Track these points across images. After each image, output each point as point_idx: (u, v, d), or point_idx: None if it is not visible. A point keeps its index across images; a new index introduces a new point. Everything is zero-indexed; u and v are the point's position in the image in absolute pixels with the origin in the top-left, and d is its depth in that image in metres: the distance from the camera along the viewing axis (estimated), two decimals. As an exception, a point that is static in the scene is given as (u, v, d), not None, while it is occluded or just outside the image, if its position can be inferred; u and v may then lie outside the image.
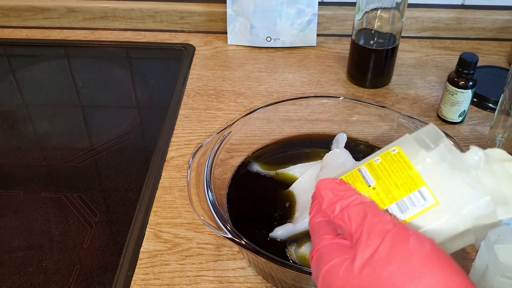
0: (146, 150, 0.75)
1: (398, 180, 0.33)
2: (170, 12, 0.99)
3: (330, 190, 0.35)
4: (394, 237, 0.30)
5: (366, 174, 0.35)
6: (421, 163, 0.33)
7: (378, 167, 0.35)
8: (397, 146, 0.36)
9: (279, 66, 0.91)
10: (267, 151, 0.68)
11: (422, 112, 0.80)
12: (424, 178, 0.33)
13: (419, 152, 0.34)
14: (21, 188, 0.69)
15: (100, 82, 0.91)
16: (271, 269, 0.52)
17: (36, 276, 0.58)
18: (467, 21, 0.96)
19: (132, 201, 0.66)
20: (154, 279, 0.57)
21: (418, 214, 0.32)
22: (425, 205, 0.32)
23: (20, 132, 0.80)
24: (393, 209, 0.33)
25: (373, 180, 0.34)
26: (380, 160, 0.35)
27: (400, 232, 0.30)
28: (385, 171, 0.34)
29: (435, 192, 0.32)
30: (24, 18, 1.01)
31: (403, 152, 0.35)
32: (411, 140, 0.35)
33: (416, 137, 0.35)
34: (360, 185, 0.35)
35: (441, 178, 0.33)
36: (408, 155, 0.34)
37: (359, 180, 0.35)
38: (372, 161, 0.36)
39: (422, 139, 0.35)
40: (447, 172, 0.33)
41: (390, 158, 0.35)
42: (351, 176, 0.36)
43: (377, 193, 0.34)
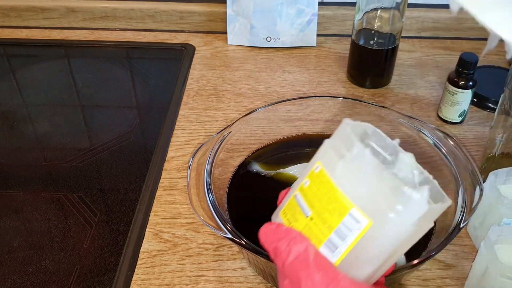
0: (146, 150, 0.75)
1: (329, 205, 0.32)
2: (170, 12, 0.99)
3: (270, 243, 0.37)
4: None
5: (302, 202, 0.34)
6: (341, 179, 0.32)
7: (309, 191, 0.34)
8: (319, 161, 0.34)
9: (279, 66, 0.91)
10: (267, 151, 0.68)
11: (422, 112, 0.80)
12: (349, 197, 0.31)
13: (336, 165, 0.33)
14: (21, 188, 0.69)
15: (100, 82, 0.91)
16: (271, 269, 0.53)
17: (36, 276, 0.58)
18: (467, 21, 0.96)
19: (132, 201, 0.67)
20: (154, 279, 0.57)
21: (358, 238, 0.31)
22: (360, 227, 0.31)
23: (20, 132, 0.80)
24: (334, 239, 0.32)
25: (309, 209, 0.34)
26: (309, 183, 0.34)
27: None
28: (315, 196, 0.33)
29: (364, 210, 0.31)
30: (24, 18, 1.01)
31: (324, 168, 0.33)
32: (328, 150, 0.34)
33: (333, 145, 0.34)
34: (300, 217, 0.34)
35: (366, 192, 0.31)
36: (328, 171, 0.33)
37: (298, 210, 0.34)
38: (303, 184, 0.35)
39: (337, 146, 0.34)
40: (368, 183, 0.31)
41: (316, 178, 0.34)
42: (291, 206, 0.36)
43: (315, 224, 0.33)
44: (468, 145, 0.74)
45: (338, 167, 0.32)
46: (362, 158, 0.32)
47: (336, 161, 0.33)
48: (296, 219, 0.34)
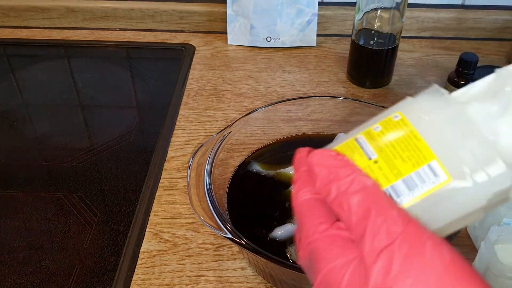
0: (146, 150, 0.75)
1: (403, 153, 0.29)
2: (170, 12, 0.99)
3: (324, 166, 0.30)
4: (406, 240, 0.26)
5: (365, 145, 0.30)
6: (429, 131, 0.29)
7: (378, 136, 0.30)
8: (399, 111, 0.31)
9: (279, 66, 0.91)
10: (267, 151, 0.68)
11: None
12: (433, 149, 0.28)
13: (425, 118, 0.29)
14: (21, 188, 0.69)
15: (100, 82, 0.91)
16: (271, 269, 0.52)
17: (36, 276, 0.58)
18: (467, 21, 0.96)
19: (132, 201, 0.66)
20: (154, 279, 0.57)
21: (428, 192, 0.28)
22: (436, 181, 0.28)
23: (20, 132, 0.80)
24: (399, 186, 0.29)
25: (374, 152, 0.30)
26: (381, 128, 0.30)
27: (412, 237, 0.26)
28: (387, 141, 0.30)
29: (446, 165, 0.28)
30: (24, 18, 1.01)
31: (407, 118, 0.30)
32: (414, 103, 0.31)
33: (421, 99, 0.31)
34: (359, 158, 0.30)
35: (453, 149, 0.28)
36: (412, 122, 0.30)
37: (358, 151, 0.30)
38: (371, 129, 0.31)
39: (427, 100, 0.30)
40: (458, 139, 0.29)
41: (393, 126, 0.30)
42: (347, 146, 0.31)
43: (379, 167, 0.29)
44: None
45: (426, 122, 0.29)
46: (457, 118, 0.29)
47: (425, 116, 0.29)
48: (353, 160, 0.30)
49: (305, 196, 0.31)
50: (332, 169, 0.29)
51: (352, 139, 0.31)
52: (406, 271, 0.25)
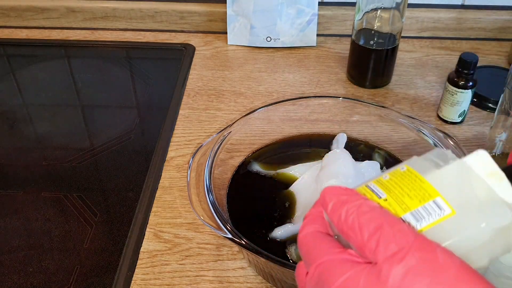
0: (146, 150, 0.75)
1: (410, 192, 0.32)
2: (170, 12, 0.99)
3: (335, 195, 0.32)
4: (419, 248, 0.28)
5: (375, 188, 0.33)
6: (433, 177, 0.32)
7: (387, 182, 0.33)
8: (405, 164, 0.34)
9: (279, 66, 0.91)
10: (267, 151, 0.68)
11: (422, 112, 0.80)
12: (437, 189, 0.32)
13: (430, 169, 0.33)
14: (21, 188, 0.69)
15: (100, 82, 0.91)
16: (271, 269, 0.52)
17: (36, 276, 0.58)
18: (467, 21, 0.96)
19: (132, 201, 0.67)
20: (154, 279, 0.57)
21: (434, 223, 0.31)
22: (441, 214, 0.31)
23: (20, 132, 0.80)
24: (407, 218, 0.31)
25: (384, 193, 0.33)
26: (389, 177, 0.34)
27: (424, 243, 0.28)
28: (395, 185, 0.33)
29: (450, 202, 0.31)
30: (24, 18, 1.01)
31: (412, 168, 0.34)
32: (419, 160, 0.35)
33: (424, 158, 0.35)
34: (370, 197, 0.33)
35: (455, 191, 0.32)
36: (418, 170, 0.33)
37: (368, 193, 0.33)
38: (380, 178, 0.34)
39: (430, 159, 0.34)
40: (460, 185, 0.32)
41: (400, 175, 0.34)
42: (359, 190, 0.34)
43: (389, 204, 0.32)
44: (468, 145, 0.73)
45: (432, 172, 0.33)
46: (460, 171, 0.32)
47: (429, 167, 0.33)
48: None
49: (312, 229, 0.33)
50: (342, 197, 0.32)
51: (363, 186, 0.34)
52: (423, 273, 0.27)
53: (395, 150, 0.67)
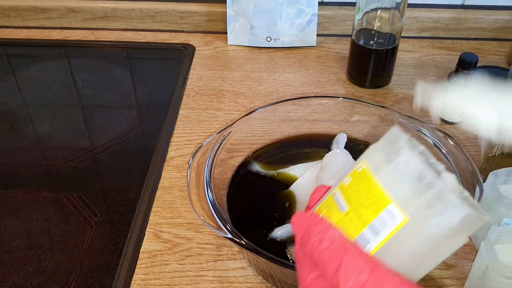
0: (146, 150, 0.75)
1: (366, 201, 0.33)
2: (170, 12, 0.99)
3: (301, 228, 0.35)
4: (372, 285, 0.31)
5: (340, 199, 0.34)
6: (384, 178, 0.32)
7: (349, 188, 0.34)
8: (364, 160, 0.35)
9: (279, 66, 0.91)
10: (267, 151, 0.68)
11: (422, 112, 0.80)
12: (389, 194, 0.32)
13: (382, 166, 0.33)
14: (21, 188, 0.69)
15: (100, 82, 0.91)
16: (271, 269, 0.53)
17: (36, 276, 0.58)
18: (467, 21, 0.96)
19: (132, 201, 0.67)
20: (154, 279, 0.57)
21: (391, 234, 0.31)
22: (396, 223, 0.31)
23: (20, 132, 0.80)
24: (367, 233, 0.32)
25: (346, 204, 0.34)
26: (350, 180, 0.34)
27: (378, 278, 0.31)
28: (355, 192, 0.34)
29: (403, 207, 0.31)
30: (24, 18, 1.01)
31: (369, 167, 0.34)
32: (376, 151, 0.35)
33: (382, 147, 0.34)
34: (335, 212, 0.34)
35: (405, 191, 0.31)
36: (373, 170, 0.33)
37: (334, 207, 0.35)
38: (343, 182, 0.35)
39: (386, 148, 0.34)
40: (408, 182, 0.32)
41: (358, 177, 0.34)
42: (328, 203, 0.36)
43: (350, 219, 0.33)
44: (468, 145, 0.73)
45: (383, 169, 0.33)
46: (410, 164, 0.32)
47: (383, 163, 0.33)
48: (331, 214, 0.35)
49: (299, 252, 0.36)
50: (307, 229, 0.35)
51: (331, 195, 0.36)
52: None
53: (395, 150, 0.67)
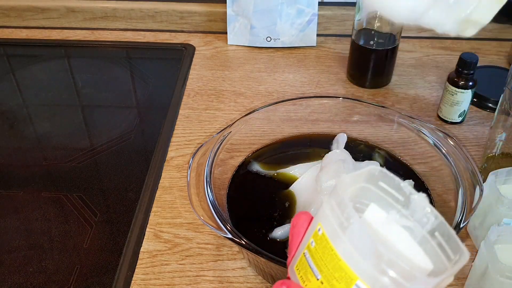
0: (146, 150, 0.75)
1: (335, 273, 0.32)
2: (170, 12, 0.99)
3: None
4: None
5: (311, 263, 0.34)
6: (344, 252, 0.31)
7: (316, 253, 0.33)
8: (319, 223, 0.33)
9: (279, 66, 0.91)
10: (267, 151, 0.68)
11: (422, 112, 0.80)
12: (353, 270, 0.31)
13: (337, 235, 0.32)
14: (21, 188, 0.69)
15: (100, 82, 0.91)
16: (271, 269, 0.53)
17: (36, 276, 0.58)
18: (467, 21, 0.96)
19: (132, 201, 0.67)
20: (154, 279, 0.57)
21: None
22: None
23: (20, 132, 0.80)
24: None
25: (318, 272, 0.33)
26: (314, 244, 0.33)
27: None
28: (321, 261, 0.33)
29: (369, 283, 0.30)
30: (24, 18, 1.01)
31: (325, 232, 0.32)
32: (328, 213, 0.33)
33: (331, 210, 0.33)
34: (312, 278, 0.34)
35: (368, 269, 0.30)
36: (330, 238, 0.32)
37: (309, 271, 0.34)
38: (309, 244, 0.34)
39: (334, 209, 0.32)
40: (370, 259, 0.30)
41: (320, 242, 0.33)
42: (302, 264, 0.35)
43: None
44: (468, 145, 0.74)
45: (339, 240, 0.31)
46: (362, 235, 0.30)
47: (337, 231, 0.31)
48: (308, 279, 0.34)
49: None
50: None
51: (302, 255, 0.35)
52: None
53: (395, 150, 0.67)
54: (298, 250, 0.36)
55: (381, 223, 0.33)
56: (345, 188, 0.33)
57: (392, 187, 0.34)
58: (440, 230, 0.32)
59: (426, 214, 0.32)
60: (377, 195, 0.34)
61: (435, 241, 0.31)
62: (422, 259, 0.32)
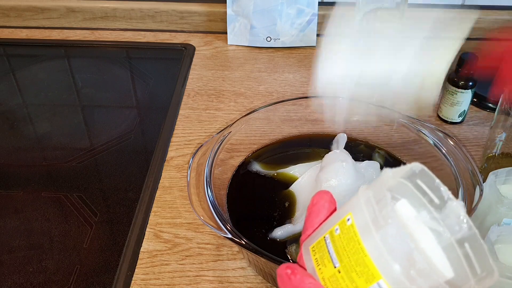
0: (146, 150, 0.75)
1: (357, 267, 0.31)
2: (170, 12, 0.99)
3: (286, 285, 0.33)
4: None
5: (331, 249, 0.32)
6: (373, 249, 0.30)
7: (339, 241, 0.32)
8: (350, 213, 0.32)
9: (279, 66, 0.91)
10: (267, 151, 0.68)
11: (422, 112, 0.80)
12: (379, 269, 0.30)
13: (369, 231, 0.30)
14: (21, 188, 0.69)
15: (100, 82, 0.91)
16: (271, 269, 0.52)
17: (36, 276, 0.58)
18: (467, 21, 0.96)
19: (132, 201, 0.67)
20: (154, 279, 0.57)
21: None
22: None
23: (20, 132, 0.80)
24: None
25: (337, 260, 0.32)
26: (339, 232, 0.32)
27: None
28: (344, 250, 0.32)
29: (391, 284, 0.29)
30: (24, 18, 1.01)
31: (355, 224, 0.31)
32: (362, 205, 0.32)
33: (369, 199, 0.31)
34: (329, 264, 0.32)
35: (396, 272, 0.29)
36: (360, 232, 0.31)
37: (326, 256, 0.33)
38: (333, 230, 0.33)
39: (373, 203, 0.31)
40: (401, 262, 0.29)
41: (346, 231, 0.32)
42: (320, 247, 0.34)
43: (342, 278, 0.31)
44: (468, 145, 0.73)
45: (370, 236, 0.30)
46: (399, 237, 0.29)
47: (369, 227, 0.30)
48: (324, 264, 0.33)
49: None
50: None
51: (322, 238, 0.34)
52: None
53: (395, 150, 0.67)
54: (317, 231, 0.35)
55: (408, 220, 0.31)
56: (387, 183, 0.31)
57: (430, 187, 0.32)
58: (471, 242, 0.30)
59: (459, 222, 0.31)
60: (412, 192, 0.32)
61: (462, 251, 0.30)
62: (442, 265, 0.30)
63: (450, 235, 0.30)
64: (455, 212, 0.31)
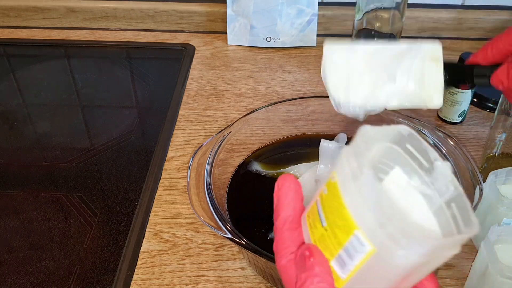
0: (146, 150, 0.75)
1: (338, 221, 0.31)
2: (170, 12, 0.99)
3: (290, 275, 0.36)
4: None
5: (320, 210, 0.33)
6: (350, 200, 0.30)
7: (326, 200, 0.33)
8: (335, 171, 0.32)
9: (279, 66, 0.91)
10: (267, 151, 0.68)
11: (422, 112, 0.80)
12: (355, 220, 0.30)
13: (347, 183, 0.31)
14: (21, 188, 0.69)
15: (100, 82, 0.91)
16: (271, 269, 0.53)
17: (36, 276, 0.58)
18: (467, 21, 0.96)
19: (132, 201, 0.67)
20: (154, 279, 0.57)
21: (362, 261, 0.30)
22: (364, 251, 0.30)
23: (20, 132, 0.80)
24: (342, 256, 0.31)
25: (324, 219, 0.32)
26: (326, 192, 0.33)
27: None
28: (329, 208, 0.32)
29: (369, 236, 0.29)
30: (24, 18, 1.01)
31: (338, 182, 0.32)
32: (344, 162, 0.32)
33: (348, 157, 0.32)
34: (318, 224, 0.33)
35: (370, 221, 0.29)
36: (340, 187, 0.31)
37: (317, 218, 0.33)
38: (322, 191, 0.33)
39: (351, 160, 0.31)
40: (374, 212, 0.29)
41: (331, 189, 0.32)
42: (313, 211, 0.34)
43: (328, 236, 0.32)
44: (468, 145, 0.73)
45: (348, 188, 0.31)
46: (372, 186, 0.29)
47: (348, 180, 0.31)
48: (315, 226, 0.34)
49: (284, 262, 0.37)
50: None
51: (314, 203, 0.34)
52: None
53: (395, 150, 0.67)
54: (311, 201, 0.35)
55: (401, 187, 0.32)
56: (367, 140, 0.32)
57: (418, 150, 0.33)
58: (457, 202, 0.31)
59: (446, 183, 0.31)
60: (403, 158, 0.33)
61: (450, 212, 0.31)
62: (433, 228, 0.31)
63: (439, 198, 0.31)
64: (442, 173, 0.31)
